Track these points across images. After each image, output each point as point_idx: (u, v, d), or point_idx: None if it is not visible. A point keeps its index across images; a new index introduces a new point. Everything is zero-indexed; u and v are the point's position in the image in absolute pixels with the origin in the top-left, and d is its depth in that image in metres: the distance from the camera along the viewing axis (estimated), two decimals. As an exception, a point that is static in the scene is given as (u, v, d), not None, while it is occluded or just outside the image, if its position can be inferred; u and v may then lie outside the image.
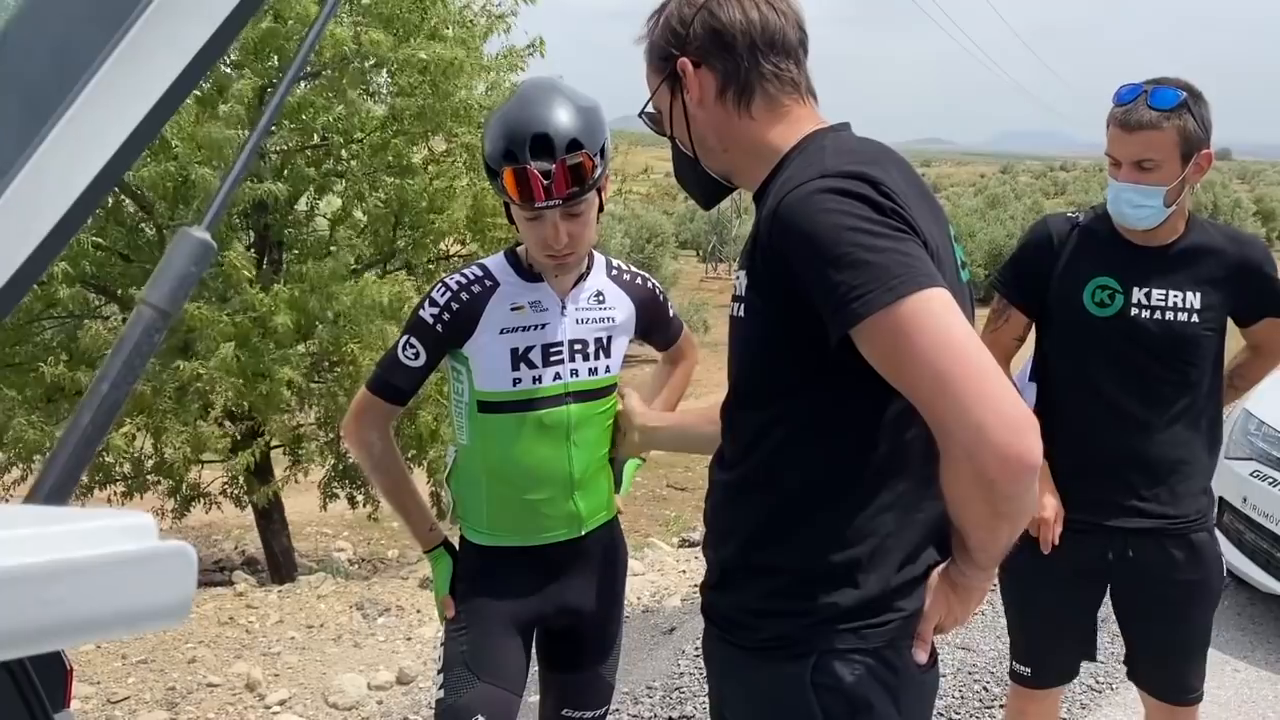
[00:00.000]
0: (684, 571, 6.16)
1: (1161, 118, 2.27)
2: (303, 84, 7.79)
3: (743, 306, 1.47)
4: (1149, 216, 2.36)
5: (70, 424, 0.65)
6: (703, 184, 1.66)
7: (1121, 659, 4.15)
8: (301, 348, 7.41)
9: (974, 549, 1.41)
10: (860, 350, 1.29)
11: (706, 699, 3.96)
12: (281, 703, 4.31)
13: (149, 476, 7.70)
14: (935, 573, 1.48)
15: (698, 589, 5.75)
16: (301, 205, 8.35)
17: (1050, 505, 2.50)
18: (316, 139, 7.96)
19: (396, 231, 8.26)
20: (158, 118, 0.69)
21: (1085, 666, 4.28)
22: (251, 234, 8.18)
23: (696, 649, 4.44)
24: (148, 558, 0.46)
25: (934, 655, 1.53)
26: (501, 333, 2.10)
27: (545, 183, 1.93)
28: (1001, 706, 3.98)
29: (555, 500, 2.18)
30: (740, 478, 1.52)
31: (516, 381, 2.11)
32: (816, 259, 1.29)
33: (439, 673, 2.24)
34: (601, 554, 2.31)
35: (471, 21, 8.29)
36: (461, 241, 8.57)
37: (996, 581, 2.72)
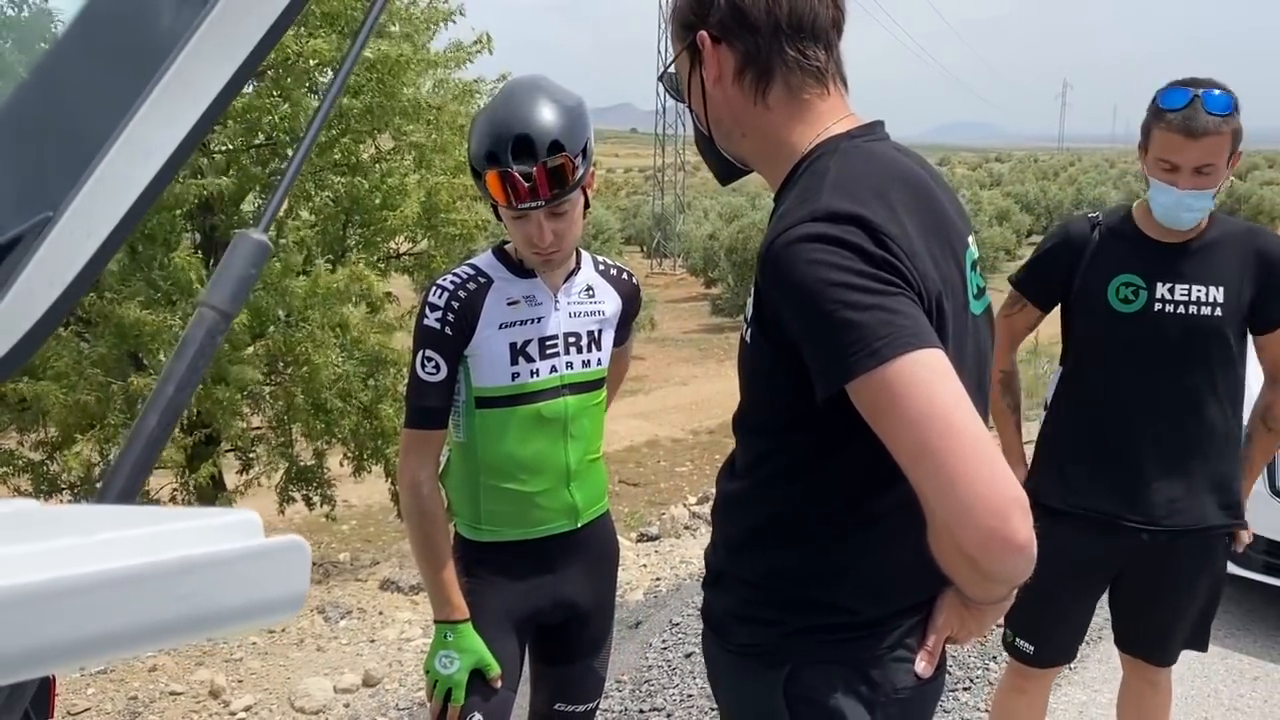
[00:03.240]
0: (645, 566, 6.19)
1: (1222, 122, 2.28)
2: (249, 86, 7.69)
3: (749, 332, 1.40)
4: (1200, 218, 2.40)
5: (136, 426, 0.65)
6: (720, 160, 1.56)
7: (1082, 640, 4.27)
8: (251, 349, 7.33)
9: (972, 598, 1.38)
10: (854, 404, 1.22)
11: (676, 691, 4.02)
12: (247, 709, 4.27)
13: (98, 485, 7.55)
14: (947, 591, 1.44)
15: (659, 582, 5.78)
16: (248, 205, 8.25)
17: None
18: (263, 138, 7.87)
19: (347, 229, 8.19)
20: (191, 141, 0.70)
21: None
22: (198, 235, 8.07)
23: (664, 642, 4.48)
24: (268, 551, 0.47)
25: (938, 665, 1.49)
26: (500, 328, 2.10)
27: (527, 185, 1.95)
28: (965, 689, 4.06)
29: (552, 492, 2.20)
30: (741, 491, 1.49)
31: (515, 376, 2.12)
32: (802, 314, 1.23)
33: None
34: (596, 546, 2.33)
35: (416, 17, 8.24)
36: (413, 239, 8.52)
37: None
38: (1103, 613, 4.58)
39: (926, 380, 1.15)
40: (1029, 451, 2.76)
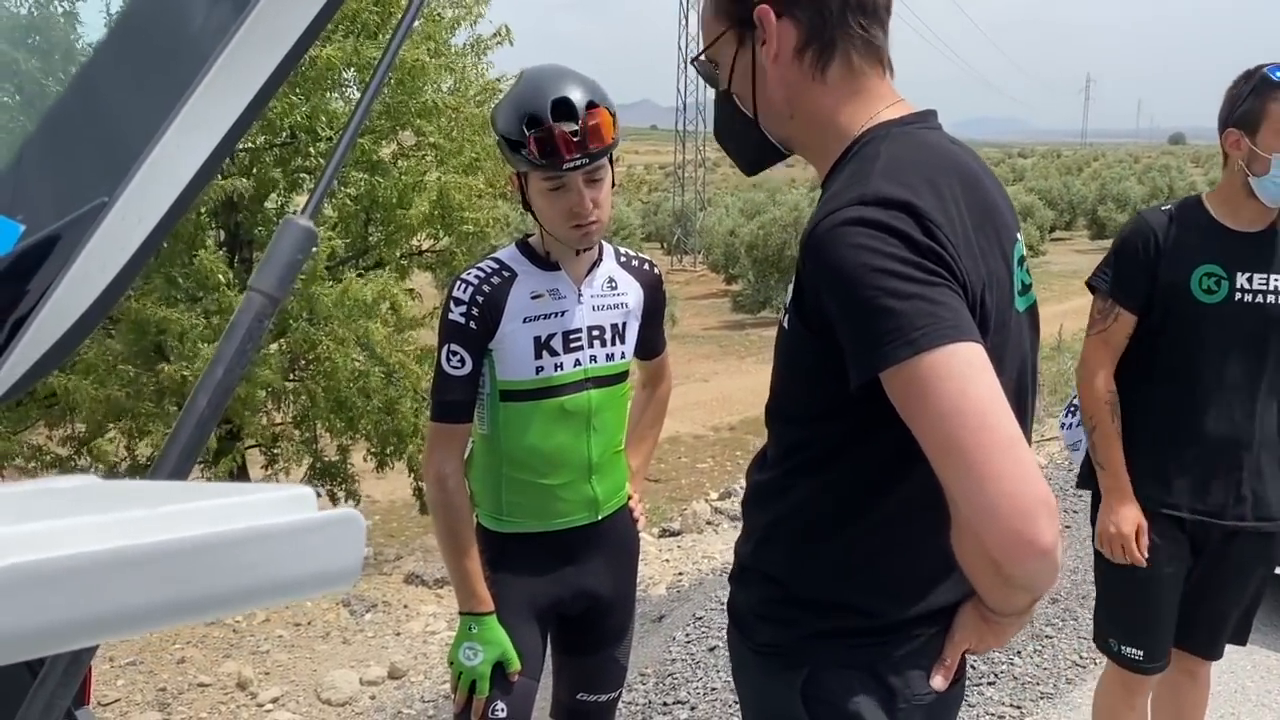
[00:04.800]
0: (667, 561, 6.21)
1: None
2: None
3: (787, 318, 1.38)
4: None
5: (187, 407, 0.67)
6: (752, 146, 1.51)
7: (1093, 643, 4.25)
8: (275, 346, 7.38)
9: (991, 606, 1.35)
10: (886, 393, 1.20)
11: (699, 685, 4.04)
12: (274, 700, 4.31)
13: (125, 479, 7.65)
14: (966, 604, 1.41)
15: (682, 576, 5.80)
16: (271, 203, 8.30)
17: (1130, 519, 2.51)
18: (285, 136, 7.92)
19: (369, 228, 8.25)
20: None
21: (1071, 643, 4.37)
22: (221, 232, 8.13)
23: (687, 635, 4.49)
24: (326, 523, 0.49)
25: (958, 674, 1.47)
26: (525, 321, 2.12)
27: (575, 139, 1.97)
28: (990, 684, 4.05)
29: (574, 485, 2.21)
30: (769, 482, 1.48)
31: (539, 369, 2.13)
32: (840, 298, 1.21)
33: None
34: (617, 538, 2.35)
35: (438, 15, 8.26)
36: (434, 236, 8.56)
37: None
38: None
39: (961, 374, 1.13)
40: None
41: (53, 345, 0.70)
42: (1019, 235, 1.46)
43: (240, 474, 7.67)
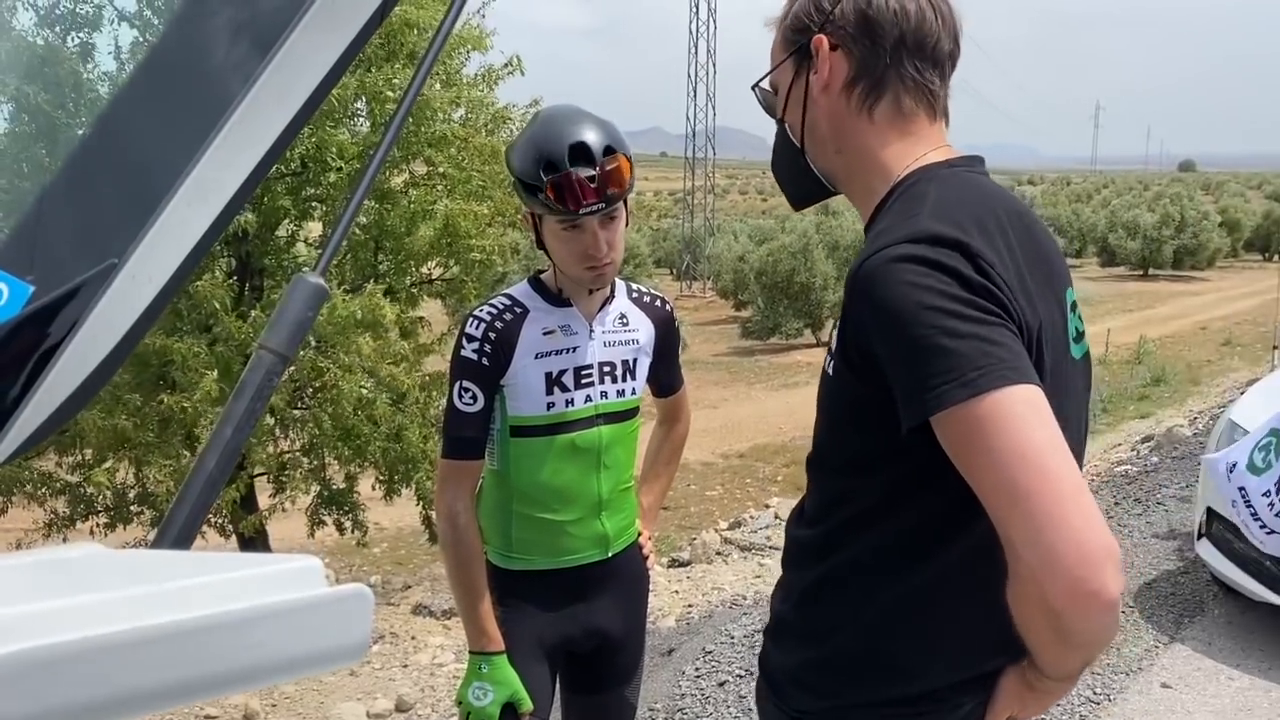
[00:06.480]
0: (676, 592, 6.17)
1: None
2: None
3: (831, 365, 1.33)
4: None
5: (195, 468, 0.67)
6: (800, 180, 1.50)
7: (1119, 670, 4.22)
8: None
9: (1043, 667, 1.29)
10: (938, 438, 1.16)
11: (710, 720, 4.00)
12: (281, 733, 4.29)
13: (132, 508, 7.65)
14: (1010, 670, 1.36)
15: (691, 609, 5.74)
16: (282, 231, 8.34)
17: None
18: (296, 165, 7.96)
19: (378, 255, 8.28)
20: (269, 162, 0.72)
21: (1084, 678, 4.33)
22: (232, 261, 8.16)
23: (697, 669, 4.45)
24: (333, 600, 0.48)
25: None
26: (536, 357, 2.12)
27: (591, 185, 1.97)
28: None
29: (584, 521, 2.20)
30: (810, 538, 1.43)
31: (550, 405, 2.13)
32: (891, 337, 1.16)
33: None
34: (627, 575, 2.33)
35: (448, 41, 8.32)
36: (443, 265, 8.59)
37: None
38: (1141, 643, 4.53)
39: (1022, 416, 1.09)
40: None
41: (63, 402, 0.70)
42: (1070, 283, 1.43)
43: (247, 501, 7.67)
